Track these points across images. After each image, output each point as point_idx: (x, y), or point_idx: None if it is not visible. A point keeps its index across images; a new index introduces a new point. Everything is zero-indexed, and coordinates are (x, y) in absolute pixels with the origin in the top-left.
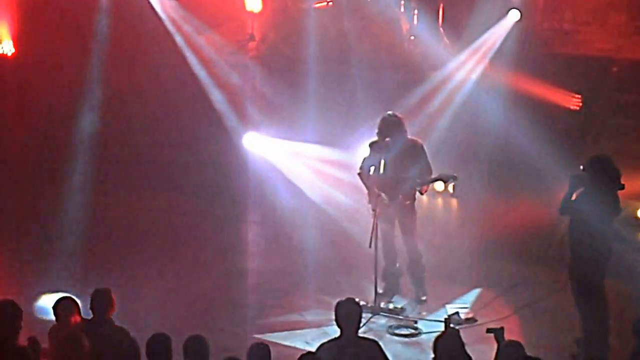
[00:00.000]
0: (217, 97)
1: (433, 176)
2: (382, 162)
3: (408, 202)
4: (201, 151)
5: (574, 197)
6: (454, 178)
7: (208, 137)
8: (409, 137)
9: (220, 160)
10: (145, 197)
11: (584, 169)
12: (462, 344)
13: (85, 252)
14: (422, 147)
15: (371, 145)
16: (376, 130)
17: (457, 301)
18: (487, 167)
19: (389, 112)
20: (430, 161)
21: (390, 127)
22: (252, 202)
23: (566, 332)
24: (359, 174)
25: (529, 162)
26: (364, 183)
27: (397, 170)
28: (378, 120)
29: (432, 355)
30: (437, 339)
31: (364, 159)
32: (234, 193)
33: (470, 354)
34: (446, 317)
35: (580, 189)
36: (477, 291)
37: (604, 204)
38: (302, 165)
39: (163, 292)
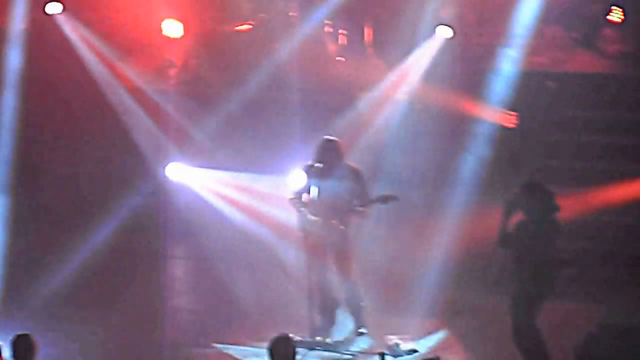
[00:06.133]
0: (136, 127)
1: (373, 197)
2: (318, 187)
3: (342, 227)
4: (122, 184)
5: (511, 227)
6: (395, 199)
7: (128, 168)
8: (347, 163)
9: (142, 192)
10: (65, 234)
11: (517, 198)
12: None
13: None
14: (360, 173)
15: (306, 169)
16: (313, 155)
17: (398, 332)
18: (424, 190)
19: (327, 137)
20: (368, 187)
21: (327, 151)
22: (177, 236)
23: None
24: (291, 199)
25: (467, 182)
26: (297, 209)
27: (333, 196)
28: (315, 145)
29: None
30: None
31: (299, 184)
32: (157, 227)
33: None
34: (381, 352)
35: (517, 219)
36: (419, 320)
37: (544, 231)
38: (229, 195)
39: (84, 332)
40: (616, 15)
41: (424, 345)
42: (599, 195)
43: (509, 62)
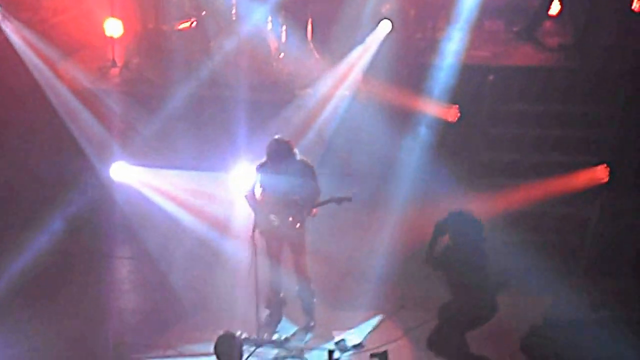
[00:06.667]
0: (79, 127)
1: (327, 198)
2: (271, 185)
3: (298, 225)
4: (65, 183)
5: (439, 250)
6: (348, 199)
7: (71, 168)
8: (299, 158)
9: (85, 192)
10: (6, 235)
11: (445, 222)
12: None
13: None
14: (312, 168)
15: (259, 167)
16: (265, 154)
17: (345, 326)
18: (369, 185)
19: (276, 137)
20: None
21: (278, 150)
22: (123, 236)
23: None
24: (246, 196)
25: (411, 176)
26: (252, 206)
27: (287, 193)
28: (266, 145)
29: None
30: None
31: (252, 182)
32: (100, 226)
33: None
34: (329, 350)
35: (445, 243)
36: (365, 315)
37: (470, 259)
38: (175, 194)
39: (27, 334)
40: (554, 8)
41: (371, 339)
42: (541, 186)
43: (450, 56)
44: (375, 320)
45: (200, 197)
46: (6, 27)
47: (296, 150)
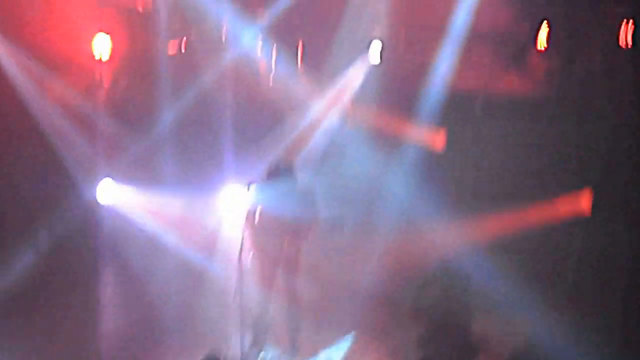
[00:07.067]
0: (65, 147)
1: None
2: (271, 205)
3: (295, 246)
4: (50, 204)
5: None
6: (340, 222)
7: (56, 188)
8: (301, 181)
9: (71, 212)
10: None
11: (436, 276)
12: None
13: None
14: (312, 189)
15: (259, 187)
16: (266, 174)
17: (332, 347)
18: (357, 210)
19: (278, 157)
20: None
21: (279, 171)
22: (107, 257)
23: None
24: (247, 217)
25: (399, 200)
26: (250, 225)
27: (287, 213)
28: (268, 165)
29: None
30: None
31: (252, 203)
32: (86, 248)
33: None
34: None
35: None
36: (352, 335)
37: (456, 311)
38: (161, 215)
39: (12, 357)
40: (542, 42)
41: (356, 359)
42: (526, 212)
43: (438, 81)
44: (360, 340)
45: (188, 218)
46: None
47: (297, 172)
